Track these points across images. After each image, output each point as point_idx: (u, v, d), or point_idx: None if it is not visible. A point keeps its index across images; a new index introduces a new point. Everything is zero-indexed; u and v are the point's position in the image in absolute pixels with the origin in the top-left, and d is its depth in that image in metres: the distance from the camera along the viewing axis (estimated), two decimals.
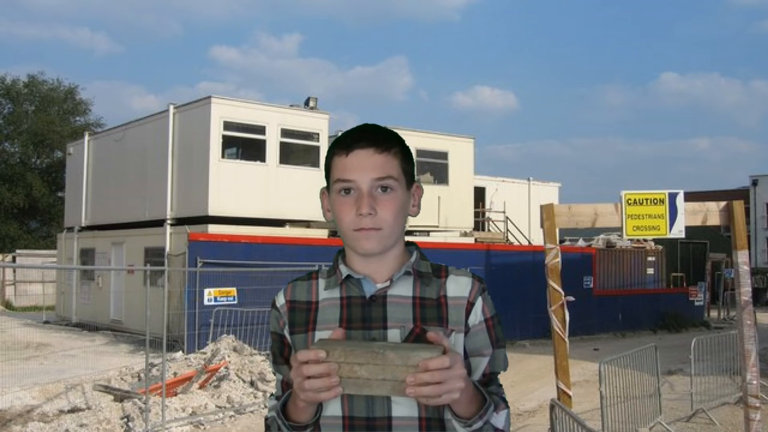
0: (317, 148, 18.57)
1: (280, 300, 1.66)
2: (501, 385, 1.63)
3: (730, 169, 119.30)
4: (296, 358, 1.39)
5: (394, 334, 1.54)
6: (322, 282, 1.64)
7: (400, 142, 1.61)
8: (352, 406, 1.52)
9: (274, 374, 1.70)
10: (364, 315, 1.56)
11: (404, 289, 1.58)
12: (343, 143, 1.57)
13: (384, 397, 1.49)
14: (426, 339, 1.44)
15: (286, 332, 1.63)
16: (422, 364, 1.33)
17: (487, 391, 1.53)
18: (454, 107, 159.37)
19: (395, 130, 1.63)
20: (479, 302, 1.60)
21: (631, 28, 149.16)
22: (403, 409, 1.51)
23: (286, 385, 1.63)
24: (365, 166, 1.54)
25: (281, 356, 1.64)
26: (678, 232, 6.50)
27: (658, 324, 21.99)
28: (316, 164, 18.53)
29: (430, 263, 1.65)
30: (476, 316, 1.59)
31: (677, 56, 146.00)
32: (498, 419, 1.52)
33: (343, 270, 1.60)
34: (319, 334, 1.56)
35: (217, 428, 8.83)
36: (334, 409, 1.54)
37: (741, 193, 39.65)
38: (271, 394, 1.72)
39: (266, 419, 1.65)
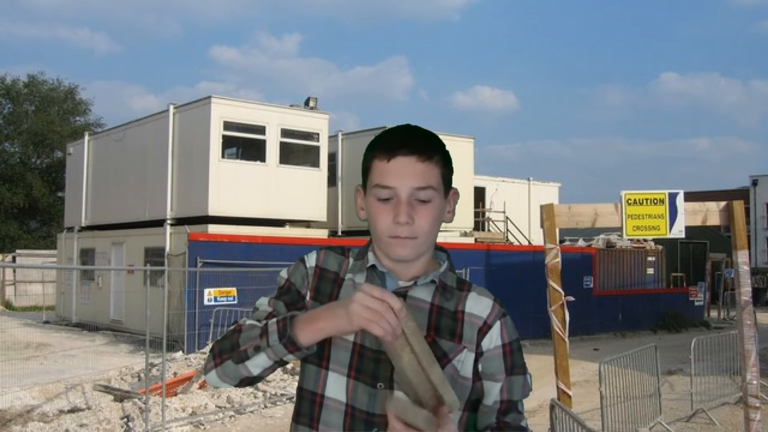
0: (317, 148, 18.58)
1: (311, 261, 1.64)
2: (521, 413, 1.58)
3: (730, 169, 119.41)
4: (381, 292, 1.36)
5: None
6: (351, 261, 1.64)
7: (442, 148, 1.58)
8: (356, 396, 1.51)
9: (257, 307, 1.62)
10: None
11: (425, 294, 1.57)
12: (386, 147, 1.53)
13: (386, 396, 1.50)
14: (434, 351, 1.44)
15: (307, 294, 1.61)
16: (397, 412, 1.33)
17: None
18: (454, 107, 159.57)
19: None
20: (497, 326, 1.57)
21: (631, 28, 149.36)
22: None
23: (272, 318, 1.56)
24: (407, 174, 1.50)
25: (294, 304, 1.60)
26: (678, 232, 6.50)
27: (658, 324, 21.98)
28: (316, 164, 18.54)
29: (457, 277, 1.63)
30: (492, 340, 1.57)
31: (677, 56, 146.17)
32: None
33: (370, 258, 1.59)
34: None
35: (217, 428, 8.83)
36: (339, 393, 1.53)
37: (741, 193, 39.64)
38: (257, 319, 1.58)
39: (238, 323, 1.56)
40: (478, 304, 1.58)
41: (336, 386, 1.53)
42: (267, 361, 1.49)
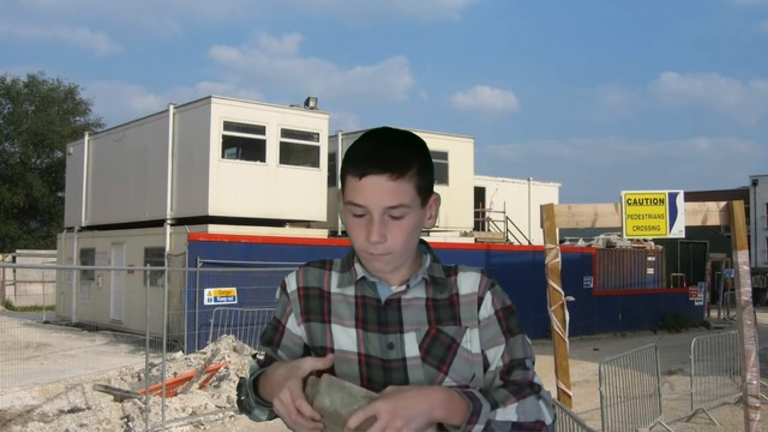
0: (317, 148, 18.58)
1: (292, 285, 1.63)
2: (529, 369, 1.57)
3: (730, 169, 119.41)
4: (292, 398, 1.40)
5: (410, 338, 1.54)
6: (335, 275, 1.62)
7: (419, 155, 1.52)
8: None
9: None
10: (379, 318, 1.55)
11: (418, 291, 1.58)
12: (357, 165, 1.49)
13: None
14: (441, 340, 1.51)
15: (290, 322, 1.62)
16: (350, 422, 1.35)
17: (481, 391, 1.50)
18: (454, 107, 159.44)
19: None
20: (488, 296, 1.59)
21: (631, 28, 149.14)
22: None
23: (270, 359, 1.64)
24: (377, 194, 1.47)
25: (271, 342, 1.64)
26: (678, 232, 6.50)
27: (658, 324, 21.99)
28: (316, 164, 18.54)
29: (442, 266, 1.64)
30: (486, 309, 1.58)
31: (677, 56, 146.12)
32: (507, 413, 1.47)
33: (359, 270, 1.59)
34: (336, 328, 1.57)
35: (217, 428, 8.84)
36: None
37: (741, 193, 39.63)
38: (254, 355, 1.71)
39: (241, 379, 1.64)
40: (468, 282, 1.60)
41: None
42: (264, 413, 1.59)
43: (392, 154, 1.49)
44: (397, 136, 1.53)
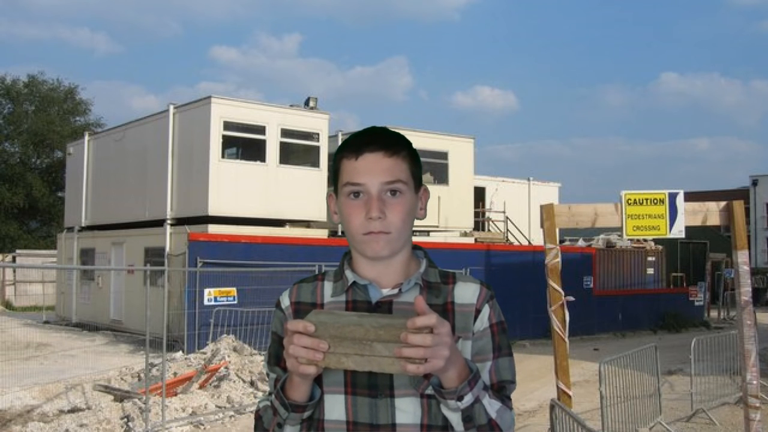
0: (317, 148, 18.57)
1: (285, 301, 1.65)
2: (509, 397, 1.61)
3: (730, 169, 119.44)
4: (287, 327, 1.40)
5: None
6: (328, 285, 1.64)
7: (408, 145, 1.61)
8: (356, 411, 1.52)
9: (267, 375, 1.68)
10: None
11: (410, 296, 1.57)
12: (353, 146, 1.57)
13: (388, 404, 1.51)
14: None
15: None
16: (410, 323, 1.33)
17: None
18: (454, 107, 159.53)
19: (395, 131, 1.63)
20: (486, 309, 1.59)
21: (631, 28, 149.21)
22: (406, 416, 1.51)
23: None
24: (375, 170, 1.54)
25: (278, 358, 1.62)
26: (678, 232, 6.50)
27: (658, 324, 21.99)
28: (316, 164, 18.54)
29: (438, 270, 1.64)
30: (482, 322, 1.59)
31: (677, 56, 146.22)
32: (492, 407, 1.49)
33: (349, 276, 1.60)
34: None
35: (217, 428, 8.84)
36: (339, 413, 1.53)
37: (741, 193, 39.60)
38: (269, 392, 1.69)
39: (257, 410, 1.63)
40: (466, 292, 1.60)
41: (334, 407, 1.54)
42: (295, 429, 1.55)
43: (386, 135, 1.58)
44: (387, 129, 1.62)
